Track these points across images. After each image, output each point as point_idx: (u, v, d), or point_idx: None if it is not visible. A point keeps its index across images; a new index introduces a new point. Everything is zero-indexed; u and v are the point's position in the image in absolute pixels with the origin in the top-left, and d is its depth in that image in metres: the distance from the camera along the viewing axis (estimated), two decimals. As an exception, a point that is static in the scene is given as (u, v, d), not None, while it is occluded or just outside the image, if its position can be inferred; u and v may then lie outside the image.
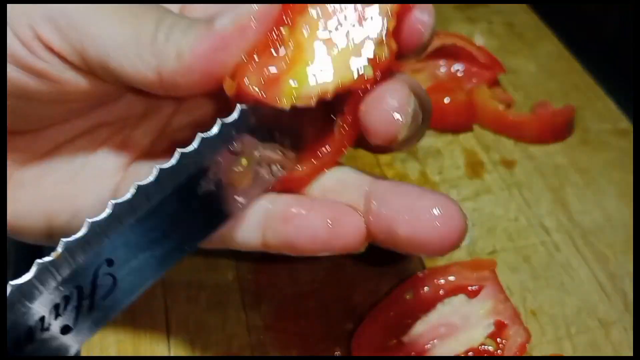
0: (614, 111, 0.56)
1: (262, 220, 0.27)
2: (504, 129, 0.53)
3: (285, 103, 0.25)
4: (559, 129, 0.53)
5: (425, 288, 0.40)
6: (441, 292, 0.39)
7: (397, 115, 0.25)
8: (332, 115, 0.27)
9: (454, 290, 0.40)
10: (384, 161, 0.50)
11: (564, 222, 0.47)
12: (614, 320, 0.41)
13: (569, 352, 0.39)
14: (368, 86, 0.26)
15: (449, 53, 0.57)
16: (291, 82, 0.25)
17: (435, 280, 0.40)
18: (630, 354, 0.39)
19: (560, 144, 0.53)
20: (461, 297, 0.40)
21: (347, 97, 0.26)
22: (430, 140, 0.53)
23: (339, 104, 0.27)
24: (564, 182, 0.50)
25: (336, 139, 0.28)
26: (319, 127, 0.28)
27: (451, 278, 0.40)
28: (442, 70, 0.57)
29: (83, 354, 0.38)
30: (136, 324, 0.39)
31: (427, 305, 0.39)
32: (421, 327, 0.39)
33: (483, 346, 0.38)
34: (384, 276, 0.42)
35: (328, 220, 0.26)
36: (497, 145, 0.53)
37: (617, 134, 0.54)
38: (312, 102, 0.25)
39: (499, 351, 0.37)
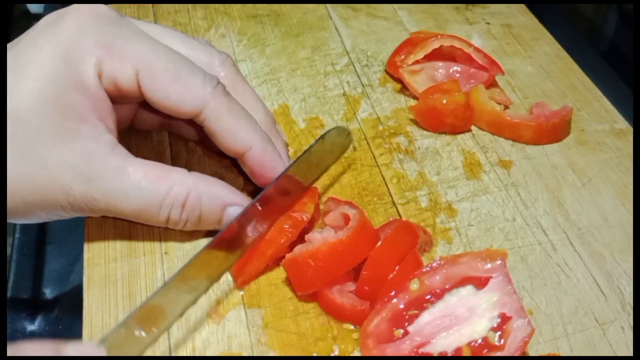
0: (610, 112, 0.57)
1: None
2: (501, 130, 0.53)
3: None
4: (556, 130, 0.53)
5: (434, 278, 0.39)
6: (449, 282, 0.39)
7: None
8: None
9: (462, 281, 0.39)
10: (382, 162, 0.50)
11: (561, 222, 0.47)
12: (611, 320, 0.41)
13: (566, 352, 0.39)
14: None
15: (447, 54, 0.57)
16: None
17: (444, 270, 0.39)
18: (628, 353, 0.40)
19: (557, 144, 0.53)
20: (469, 288, 0.39)
21: None
22: (428, 141, 0.53)
23: None
24: (561, 183, 0.50)
25: None
26: None
27: (460, 268, 0.39)
28: (441, 71, 0.57)
29: (84, 354, 0.38)
30: (137, 324, 0.39)
31: (434, 295, 0.39)
32: (427, 317, 0.38)
33: (484, 339, 0.37)
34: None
35: None
36: (495, 146, 0.53)
37: (614, 135, 0.55)
38: None
39: (502, 341, 0.37)
